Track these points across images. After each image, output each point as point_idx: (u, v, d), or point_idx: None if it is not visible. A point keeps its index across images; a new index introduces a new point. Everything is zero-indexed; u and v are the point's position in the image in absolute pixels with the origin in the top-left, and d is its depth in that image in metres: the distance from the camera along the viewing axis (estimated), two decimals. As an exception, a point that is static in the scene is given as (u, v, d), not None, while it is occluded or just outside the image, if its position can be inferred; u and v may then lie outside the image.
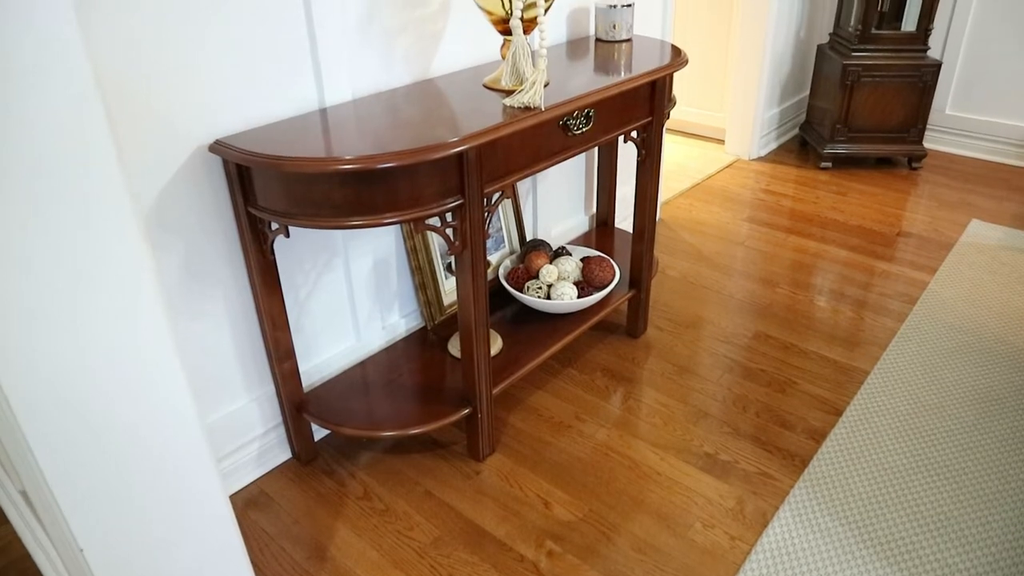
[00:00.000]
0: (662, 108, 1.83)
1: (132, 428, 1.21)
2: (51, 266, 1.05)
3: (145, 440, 1.23)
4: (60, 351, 1.09)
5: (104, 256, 1.11)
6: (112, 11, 1.21)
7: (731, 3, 3.39)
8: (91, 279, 1.10)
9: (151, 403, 1.23)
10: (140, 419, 1.22)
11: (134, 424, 1.21)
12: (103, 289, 1.12)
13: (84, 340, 1.12)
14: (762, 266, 2.59)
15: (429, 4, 1.71)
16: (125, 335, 1.16)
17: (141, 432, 1.22)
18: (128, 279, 1.15)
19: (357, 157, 1.26)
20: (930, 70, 3.17)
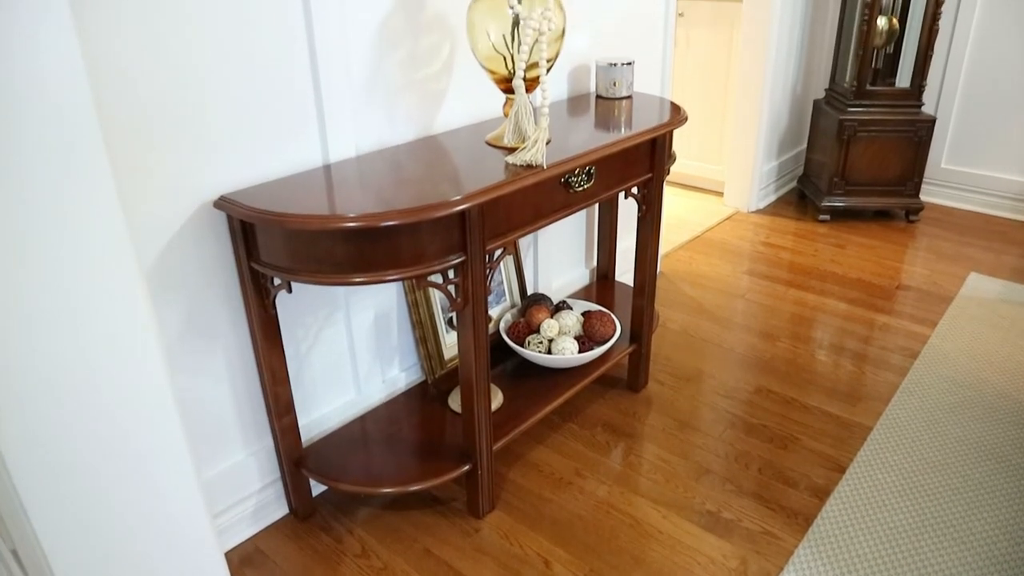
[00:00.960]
0: (662, 165, 1.85)
1: (128, 486, 1.20)
2: (52, 322, 1.05)
3: (141, 498, 1.22)
4: (58, 407, 1.09)
5: (107, 314, 1.11)
6: (120, 70, 1.23)
7: (728, 59, 3.46)
8: (92, 337, 1.10)
9: (148, 461, 1.22)
10: (136, 476, 1.21)
11: (130, 482, 1.20)
12: (103, 347, 1.12)
13: (82, 397, 1.11)
14: (762, 319, 2.59)
15: (432, 63, 1.74)
16: (124, 392, 1.16)
17: (137, 490, 1.21)
18: (130, 338, 1.15)
19: (360, 215, 1.27)
20: (925, 125, 3.22)
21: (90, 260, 1.07)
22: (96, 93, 1.03)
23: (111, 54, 1.21)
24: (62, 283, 1.05)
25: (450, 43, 1.76)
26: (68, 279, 1.06)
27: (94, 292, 1.09)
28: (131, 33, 1.23)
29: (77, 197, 1.04)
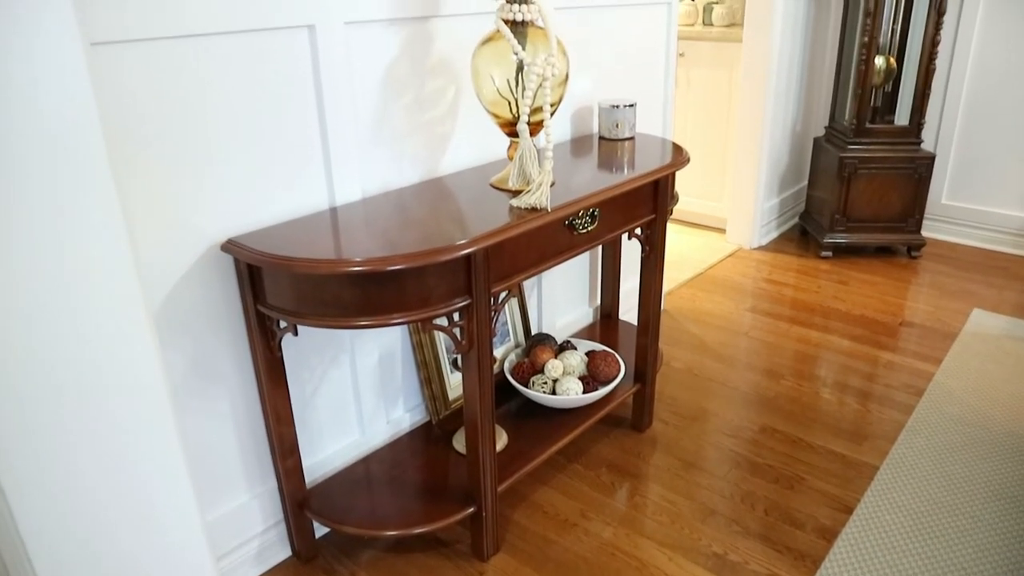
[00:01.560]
0: (665, 206, 1.87)
1: (132, 527, 1.20)
2: (58, 362, 1.06)
3: (145, 540, 1.21)
4: (62, 447, 1.09)
5: (113, 356, 1.12)
6: (131, 113, 1.26)
7: (729, 97, 3.50)
8: (98, 379, 1.11)
9: (153, 503, 1.22)
10: (140, 518, 1.20)
11: (134, 523, 1.20)
12: (109, 389, 1.12)
13: (87, 438, 1.11)
14: (766, 357, 2.59)
15: (438, 107, 1.77)
16: (130, 434, 1.16)
17: (141, 532, 1.21)
18: (135, 381, 1.15)
19: (367, 259, 1.28)
20: (924, 162, 3.24)
21: (98, 302, 1.08)
22: (106, 135, 1.05)
23: (122, 97, 1.24)
24: (69, 324, 1.06)
25: (455, 87, 1.79)
26: (75, 321, 1.07)
27: (101, 334, 1.10)
28: (141, 76, 1.25)
29: (86, 239, 1.05)
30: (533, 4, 1.53)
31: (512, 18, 1.52)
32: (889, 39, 3.32)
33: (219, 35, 1.34)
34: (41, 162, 0.99)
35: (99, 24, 1.17)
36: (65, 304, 1.05)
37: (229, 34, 1.35)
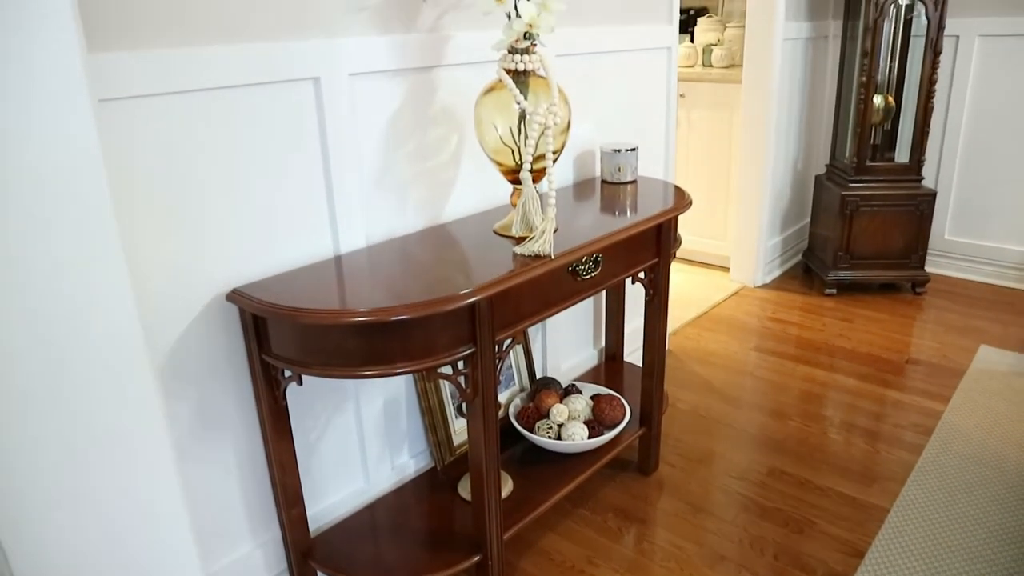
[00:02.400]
0: (668, 249, 1.88)
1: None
2: (59, 413, 1.06)
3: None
4: (61, 497, 1.08)
5: (116, 407, 1.12)
6: (136, 162, 1.27)
7: (729, 137, 3.53)
8: (100, 431, 1.10)
9: (154, 555, 1.21)
10: (140, 571, 1.19)
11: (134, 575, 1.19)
12: (111, 441, 1.12)
13: (88, 489, 1.11)
14: (772, 397, 2.57)
15: (441, 154, 1.79)
16: (132, 486, 1.16)
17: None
18: (138, 432, 1.15)
19: (371, 309, 1.28)
20: (926, 199, 3.26)
21: (100, 352, 1.09)
22: (112, 184, 1.06)
23: (128, 149, 1.25)
24: (70, 373, 1.06)
25: (458, 135, 1.81)
26: (76, 370, 1.07)
27: (103, 385, 1.10)
28: (147, 129, 1.27)
29: (90, 288, 1.06)
30: (535, 54, 1.56)
31: (514, 68, 1.55)
32: (887, 77, 3.36)
33: (225, 89, 1.36)
34: (45, 213, 1.00)
35: (107, 82, 1.20)
36: (65, 355, 1.05)
37: (235, 88, 1.38)
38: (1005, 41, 3.30)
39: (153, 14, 1.25)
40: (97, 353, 1.09)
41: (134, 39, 1.23)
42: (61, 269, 1.03)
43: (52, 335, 1.03)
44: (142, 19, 1.24)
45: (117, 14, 1.21)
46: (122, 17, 1.21)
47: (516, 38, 1.53)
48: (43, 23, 0.97)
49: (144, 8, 1.24)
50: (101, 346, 1.09)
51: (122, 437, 1.13)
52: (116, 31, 1.21)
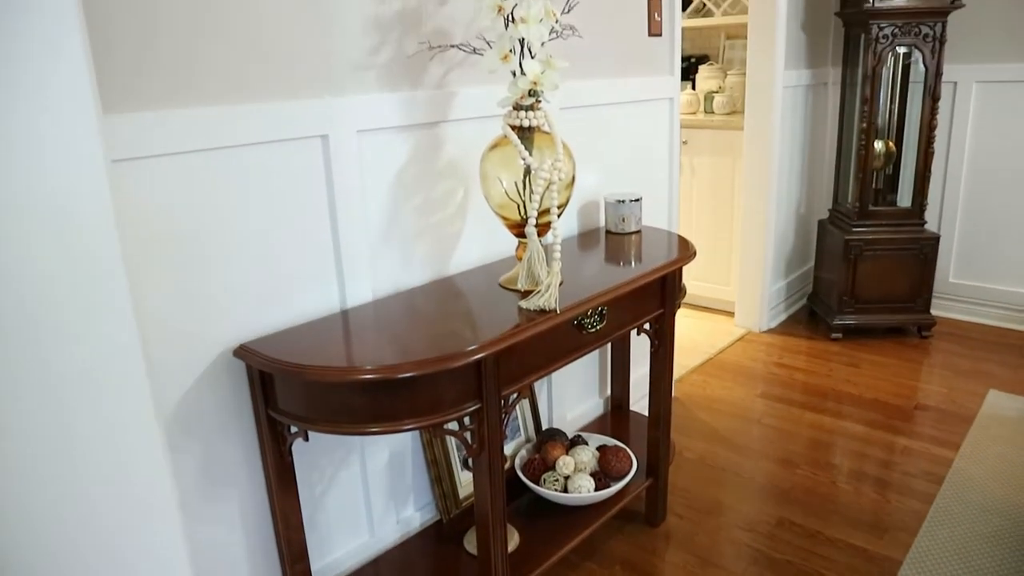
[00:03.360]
0: (673, 300, 1.88)
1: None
2: (61, 469, 1.05)
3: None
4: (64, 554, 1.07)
5: (120, 464, 1.12)
6: (147, 218, 1.29)
7: (732, 182, 3.56)
8: (104, 488, 1.10)
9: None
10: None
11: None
12: (115, 498, 1.11)
13: (92, 546, 1.10)
14: (780, 445, 2.55)
15: (447, 208, 1.80)
16: (136, 541, 1.15)
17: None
18: (145, 489, 1.15)
19: (378, 367, 1.29)
20: (929, 243, 3.27)
21: (107, 407, 1.09)
22: (122, 240, 1.07)
23: (138, 206, 1.27)
24: (76, 428, 1.06)
25: (464, 188, 1.83)
26: (83, 425, 1.07)
27: (109, 440, 1.10)
28: (157, 187, 1.29)
29: (99, 344, 1.07)
30: (539, 110, 1.58)
31: (519, 124, 1.57)
32: (887, 122, 3.40)
33: (234, 147, 1.38)
34: (56, 270, 1.01)
35: (119, 142, 1.22)
36: (73, 409, 1.06)
37: (244, 146, 1.40)
38: (1003, 87, 3.34)
39: (164, 76, 1.28)
40: (104, 408, 1.09)
41: (146, 100, 1.26)
42: (71, 325, 1.03)
43: (60, 390, 1.04)
44: (154, 81, 1.27)
45: (130, 76, 1.24)
46: (134, 79, 1.24)
47: (521, 95, 1.55)
48: (60, 86, 0.99)
49: (155, 70, 1.27)
50: (108, 401, 1.09)
51: (127, 493, 1.13)
52: (128, 93, 1.24)
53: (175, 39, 1.28)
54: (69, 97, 1.01)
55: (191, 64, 1.31)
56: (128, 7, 1.22)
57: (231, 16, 1.35)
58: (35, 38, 0.95)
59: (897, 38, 3.08)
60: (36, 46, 0.96)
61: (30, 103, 0.96)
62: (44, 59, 0.97)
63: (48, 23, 0.97)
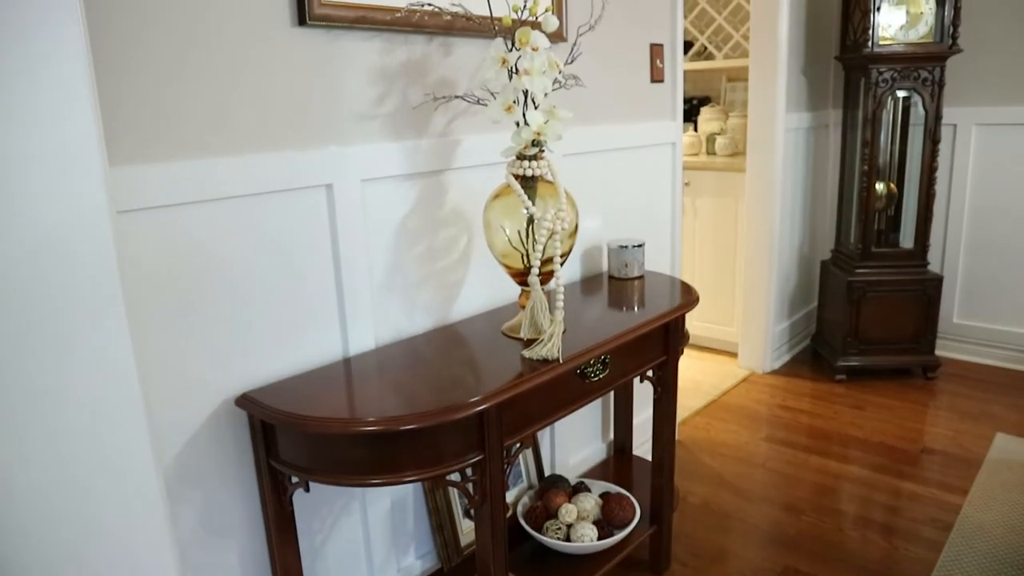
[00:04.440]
0: (676, 347, 1.88)
1: None
2: (65, 521, 1.04)
3: None
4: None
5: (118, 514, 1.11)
6: (151, 267, 1.30)
7: (735, 223, 3.57)
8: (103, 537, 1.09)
9: None
10: None
11: None
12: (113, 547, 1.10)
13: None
14: (785, 490, 2.53)
15: (450, 255, 1.81)
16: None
17: None
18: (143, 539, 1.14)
19: (380, 419, 1.28)
20: (932, 284, 3.26)
21: (107, 456, 1.08)
22: (126, 287, 1.08)
23: (142, 256, 1.28)
24: (75, 476, 1.06)
25: (467, 235, 1.84)
26: (82, 474, 1.06)
27: (108, 489, 1.09)
28: (162, 236, 1.30)
29: (99, 391, 1.07)
30: (543, 160, 1.59)
31: (522, 173, 1.58)
32: (888, 164, 3.42)
33: (240, 198, 1.40)
34: (58, 320, 1.02)
35: (125, 194, 1.23)
36: (72, 457, 1.05)
37: (249, 196, 1.41)
38: (1002, 130, 3.37)
39: (173, 128, 1.30)
40: (104, 458, 1.09)
41: (154, 152, 1.28)
42: (72, 374, 1.04)
43: (60, 438, 1.04)
44: (162, 133, 1.29)
45: (138, 129, 1.25)
46: (143, 132, 1.26)
47: (524, 145, 1.57)
48: (68, 141, 1.01)
49: (164, 123, 1.28)
50: (108, 450, 1.09)
51: (125, 542, 1.12)
52: (136, 145, 1.26)
53: (182, 94, 1.30)
54: (77, 152, 1.02)
55: (197, 118, 1.33)
56: (136, 62, 1.24)
57: (238, 70, 1.37)
58: (46, 93, 0.97)
59: (897, 82, 3.11)
60: (47, 102, 0.98)
61: (40, 157, 0.98)
62: (55, 114, 0.98)
63: (60, 79, 0.99)
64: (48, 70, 0.97)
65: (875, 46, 3.05)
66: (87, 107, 1.03)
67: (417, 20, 1.61)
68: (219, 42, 1.34)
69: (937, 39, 3.06)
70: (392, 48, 1.62)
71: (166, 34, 1.27)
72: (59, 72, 0.98)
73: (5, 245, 0.96)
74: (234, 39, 1.35)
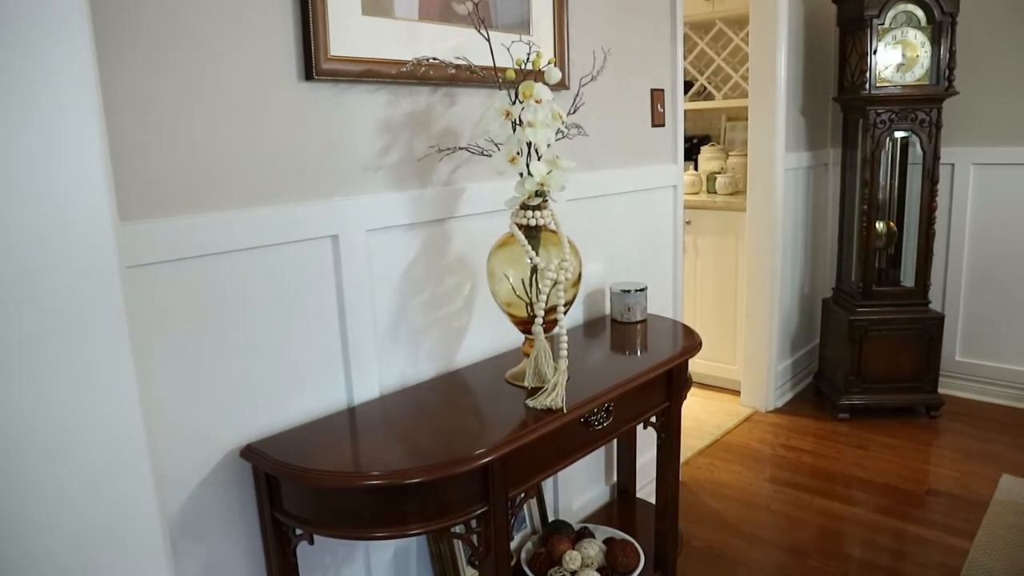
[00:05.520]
0: (679, 393, 1.88)
1: None
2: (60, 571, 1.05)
3: None
4: None
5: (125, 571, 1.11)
6: (154, 322, 1.30)
7: (736, 262, 3.59)
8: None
9: None
10: None
11: None
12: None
13: None
14: (789, 534, 2.51)
15: (454, 302, 1.82)
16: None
17: None
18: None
19: (385, 472, 1.28)
20: (934, 323, 3.27)
21: (111, 513, 1.08)
22: (132, 343, 1.09)
23: (150, 309, 1.29)
24: (76, 536, 1.05)
25: (471, 282, 1.86)
26: (84, 532, 1.06)
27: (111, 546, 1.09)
28: (169, 290, 1.31)
29: (105, 444, 1.07)
30: (546, 210, 1.61)
31: (526, 223, 1.60)
32: (888, 202, 3.44)
33: (246, 250, 1.41)
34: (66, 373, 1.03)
35: (134, 250, 1.24)
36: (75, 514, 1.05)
37: (256, 249, 1.42)
38: (999, 169, 3.40)
39: (180, 184, 1.31)
40: (108, 515, 1.09)
41: (162, 208, 1.29)
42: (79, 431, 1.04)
43: (64, 494, 1.04)
44: (170, 189, 1.30)
45: (146, 185, 1.27)
46: (151, 188, 1.28)
47: (528, 195, 1.59)
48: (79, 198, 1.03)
49: (171, 180, 1.30)
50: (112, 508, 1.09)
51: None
52: (145, 202, 1.27)
53: (190, 150, 1.32)
54: (87, 210, 1.04)
55: (204, 173, 1.34)
56: (146, 118, 1.26)
57: (245, 126, 1.39)
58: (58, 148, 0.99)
59: (894, 123, 3.15)
60: (58, 162, 1.00)
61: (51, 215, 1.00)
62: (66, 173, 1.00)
63: (70, 141, 1.01)
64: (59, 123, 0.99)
65: (873, 88, 3.09)
66: (98, 164, 1.05)
67: (422, 73, 1.64)
68: (227, 98, 1.36)
69: (933, 81, 3.10)
70: (397, 100, 1.65)
71: (176, 90, 1.29)
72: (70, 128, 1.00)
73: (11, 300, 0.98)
74: (242, 95, 1.38)
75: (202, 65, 1.32)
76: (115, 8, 1.20)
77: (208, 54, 1.32)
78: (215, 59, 1.33)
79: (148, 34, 1.25)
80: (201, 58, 1.32)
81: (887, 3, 3.03)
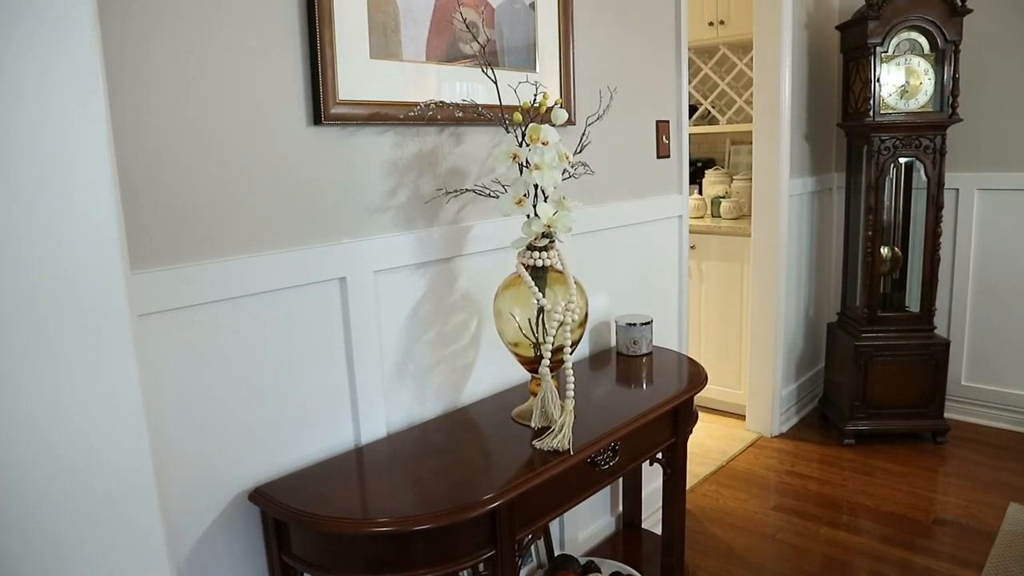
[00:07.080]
0: (685, 429, 1.89)
1: None
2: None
3: None
4: None
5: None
6: (162, 367, 1.32)
7: (741, 286, 3.60)
8: None
9: None
10: None
11: None
12: None
13: None
14: (796, 564, 2.50)
15: (460, 339, 1.83)
16: None
17: None
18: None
19: (393, 519, 1.29)
20: (939, 348, 3.27)
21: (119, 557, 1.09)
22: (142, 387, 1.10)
23: (160, 352, 1.30)
24: None
25: (477, 318, 1.87)
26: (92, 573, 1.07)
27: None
28: (176, 335, 1.32)
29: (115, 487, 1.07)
30: (553, 251, 1.62)
31: (532, 264, 1.61)
32: (892, 228, 3.45)
33: (255, 295, 1.42)
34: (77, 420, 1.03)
35: (145, 298, 1.25)
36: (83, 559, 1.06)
37: (264, 293, 1.44)
38: (1004, 195, 3.40)
39: (188, 232, 1.32)
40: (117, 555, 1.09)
41: (172, 256, 1.31)
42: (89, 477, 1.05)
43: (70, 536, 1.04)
44: (179, 237, 1.31)
45: (157, 235, 1.28)
46: (162, 237, 1.29)
47: (535, 236, 1.60)
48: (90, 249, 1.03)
49: (180, 227, 1.31)
50: (122, 554, 1.09)
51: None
52: (155, 251, 1.28)
53: (199, 196, 1.33)
54: (98, 261, 1.05)
55: (214, 220, 1.36)
56: (157, 165, 1.28)
57: (254, 170, 1.41)
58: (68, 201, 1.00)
59: (899, 150, 3.16)
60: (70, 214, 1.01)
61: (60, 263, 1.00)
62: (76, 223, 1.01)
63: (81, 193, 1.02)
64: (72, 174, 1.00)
65: (877, 115, 3.11)
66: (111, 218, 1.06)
67: (430, 115, 1.66)
68: (237, 144, 1.37)
69: (937, 108, 3.11)
70: (404, 140, 1.66)
71: (186, 138, 1.30)
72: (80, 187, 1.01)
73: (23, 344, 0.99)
74: (251, 140, 1.39)
75: (212, 112, 1.34)
76: (125, 52, 1.22)
77: (217, 102, 1.34)
78: (224, 107, 1.35)
79: (158, 84, 1.26)
80: (210, 106, 1.33)
81: (890, 31, 3.05)
